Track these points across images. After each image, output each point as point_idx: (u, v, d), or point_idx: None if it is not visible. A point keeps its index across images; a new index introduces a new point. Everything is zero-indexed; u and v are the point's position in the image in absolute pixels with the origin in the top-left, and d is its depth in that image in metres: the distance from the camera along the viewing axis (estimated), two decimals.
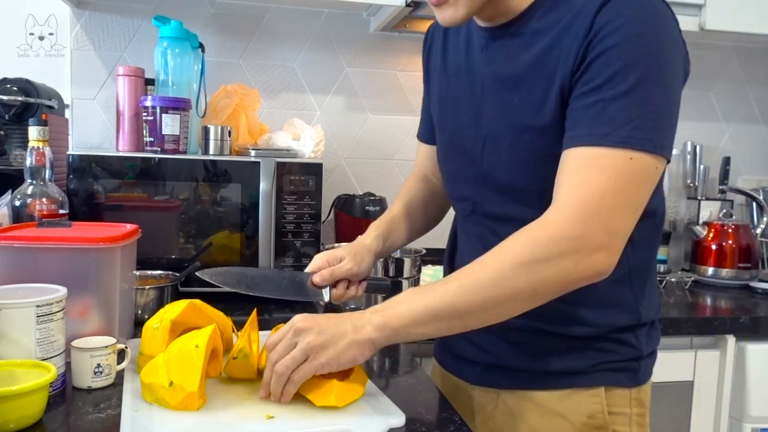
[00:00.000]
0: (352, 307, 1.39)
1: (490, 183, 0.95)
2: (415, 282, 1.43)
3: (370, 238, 1.07)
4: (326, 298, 1.02)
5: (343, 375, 0.86)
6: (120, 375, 0.94)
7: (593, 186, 0.77)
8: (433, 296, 0.81)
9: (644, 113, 0.78)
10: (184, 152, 1.49)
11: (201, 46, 1.58)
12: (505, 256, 0.79)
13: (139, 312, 1.22)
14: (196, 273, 0.92)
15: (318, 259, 1.03)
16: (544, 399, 0.94)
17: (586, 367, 0.92)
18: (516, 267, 0.78)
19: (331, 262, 1.02)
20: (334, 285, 1.02)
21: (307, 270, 1.03)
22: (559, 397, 0.93)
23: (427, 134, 1.19)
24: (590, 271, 0.79)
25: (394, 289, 1.38)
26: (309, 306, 1.43)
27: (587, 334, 0.92)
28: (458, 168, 1.01)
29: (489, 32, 0.92)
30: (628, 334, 0.93)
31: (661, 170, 0.81)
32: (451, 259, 1.12)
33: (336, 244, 1.12)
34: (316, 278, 1.00)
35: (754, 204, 2.10)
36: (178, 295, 1.27)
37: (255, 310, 0.99)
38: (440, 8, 0.86)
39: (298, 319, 0.83)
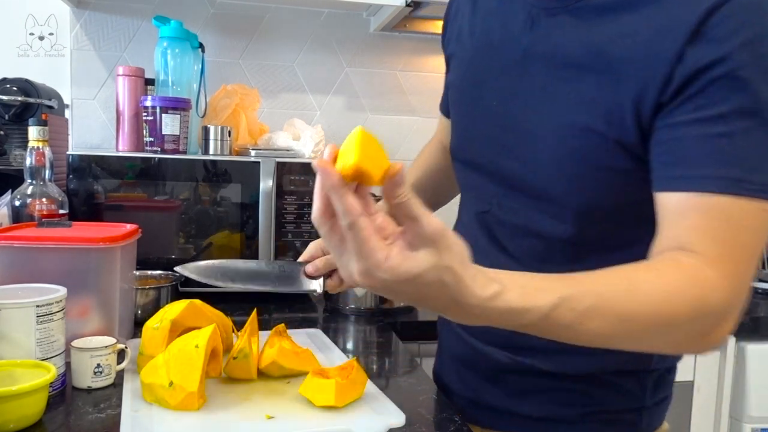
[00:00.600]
0: (352, 306, 1.39)
1: (516, 185, 0.80)
2: None
3: None
4: (319, 290, 0.87)
5: (343, 375, 0.86)
6: (120, 375, 0.93)
7: (743, 247, 0.63)
8: (557, 318, 0.60)
9: None
10: (184, 152, 1.49)
11: (201, 46, 1.58)
12: (666, 310, 0.61)
13: (139, 312, 1.22)
14: (175, 268, 0.83)
15: (312, 247, 0.88)
16: None
17: (572, 416, 0.82)
18: (670, 326, 0.62)
19: (325, 250, 0.88)
20: (328, 275, 0.83)
21: (301, 259, 0.86)
22: None
23: (446, 107, 1.05)
24: (712, 345, 0.66)
25: None
26: (307, 301, 1.43)
27: (579, 372, 0.80)
28: (477, 158, 0.86)
29: (543, 2, 0.77)
30: (629, 379, 0.81)
31: None
32: None
33: None
34: (309, 268, 0.82)
35: None
36: (178, 295, 1.27)
37: (255, 310, 0.99)
38: None
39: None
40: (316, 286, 0.86)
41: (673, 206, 0.66)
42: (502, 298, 0.56)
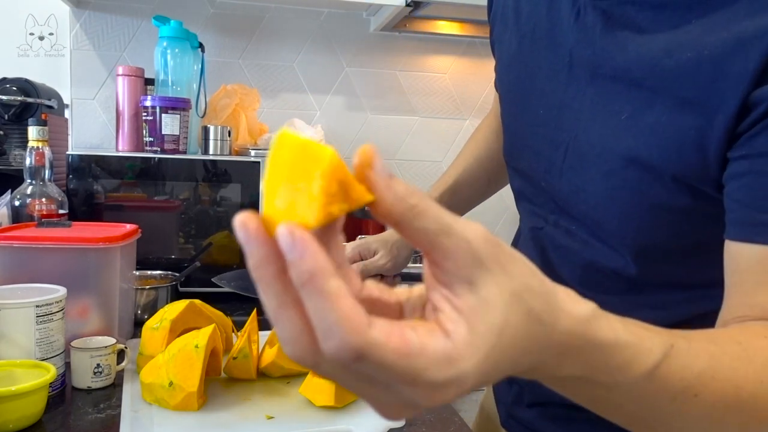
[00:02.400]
0: None
1: (569, 210, 0.70)
2: None
3: None
4: None
5: None
6: (120, 375, 0.93)
7: None
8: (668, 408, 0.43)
9: None
10: (184, 152, 1.49)
11: (201, 46, 1.58)
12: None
13: (139, 312, 1.22)
14: (213, 280, 0.82)
15: (349, 250, 0.87)
16: None
17: None
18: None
19: (363, 255, 0.88)
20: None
21: None
22: None
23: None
24: None
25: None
26: None
27: None
28: (528, 170, 0.76)
29: None
30: None
31: None
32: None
33: (368, 237, 0.96)
34: None
35: None
36: (178, 295, 1.27)
37: (255, 310, 0.99)
38: None
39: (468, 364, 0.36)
40: None
41: (752, 261, 0.52)
42: (603, 322, 0.38)
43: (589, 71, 0.65)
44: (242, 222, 0.30)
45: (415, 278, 1.00)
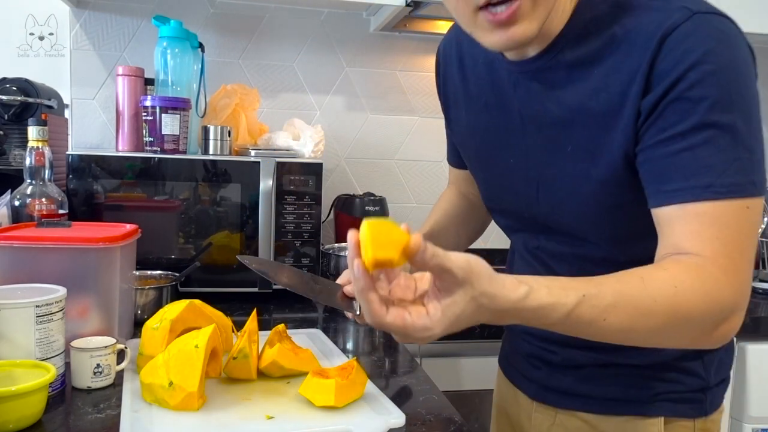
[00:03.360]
0: None
1: (553, 228, 0.89)
2: None
3: None
4: (357, 311, 0.94)
5: (343, 375, 0.86)
6: (120, 375, 0.93)
7: (731, 243, 0.69)
8: (582, 331, 0.68)
9: (739, 154, 0.70)
10: (184, 152, 1.49)
11: (201, 45, 1.58)
12: (680, 307, 0.67)
13: (139, 312, 1.22)
14: (237, 257, 0.87)
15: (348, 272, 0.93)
16: (599, 422, 0.91)
17: (646, 397, 0.89)
18: (683, 323, 0.68)
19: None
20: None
21: (339, 281, 0.90)
22: (616, 423, 0.90)
23: (455, 159, 1.11)
24: (724, 338, 0.71)
25: None
26: (307, 301, 1.43)
27: (651, 362, 0.88)
28: (510, 207, 0.95)
29: (518, 67, 0.83)
30: (695, 363, 0.88)
31: (762, 208, 0.73)
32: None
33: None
34: (348, 288, 0.86)
35: None
36: (177, 295, 1.27)
37: (255, 310, 0.99)
38: (511, 27, 0.72)
39: (442, 316, 0.63)
40: (356, 306, 0.88)
41: (662, 219, 0.73)
42: (532, 297, 0.64)
43: (534, 125, 0.85)
44: (355, 263, 0.63)
45: None
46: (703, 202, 0.69)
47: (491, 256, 1.13)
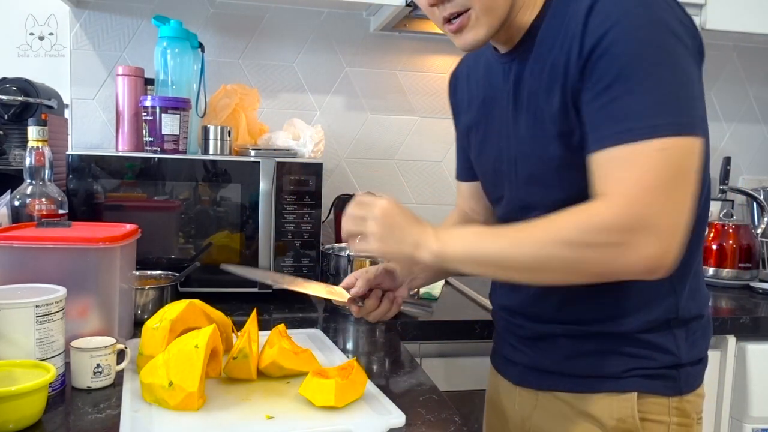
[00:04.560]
0: None
1: (526, 207, 0.95)
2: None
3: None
4: (355, 312, 1.05)
5: (343, 375, 0.86)
6: (120, 375, 0.93)
7: (637, 182, 0.76)
8: (486, 243, 0.84)
9: (662, 99, 0.77)
10: (184, 152, 1.48)
11: (201, 45, 1.58)
12: (553, 231, 0.79)
13: (139, 312, 1.22)
14: (225, 268, 0.94)
15: (353, 277, 1.06)
16: (575, 401, 0.96)
17: (618, 372, 0.92)
18: (560, 244, 0.78)
19: (371, 282, 1.05)
20: (366, 295, 1.04)
21: (342, 285, 1.06)
22: (594, 401, 0.94)
23: (464, 172, 1.18)
24: (637, 264, 0.76)
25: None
26: (307, 301, 1.43)
27: (619, 330, 0.91)
28: (503, 193, 1.01)
29: (509, 56, 0.94)
30: (665, 337, 0.92)
31: (698, 150, 0.78)
32: None
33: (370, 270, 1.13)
34: (346, 280, 1.02)
35: (755, 204, 2.10)
36: (177, 295, 1.27)
37: (255, 310, 0.99)
38: (460, 34, 0.88)
39: (382, 204, 0.87)
40: (355, 308, 1.02)
41: (591, 166, 0.81)
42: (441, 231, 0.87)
43: (519, 103, 0.93)
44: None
45: (418, 310, 1.16)
46: (620, 146, 0.77)
47: None
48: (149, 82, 1.56)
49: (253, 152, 1.46)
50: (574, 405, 0.96)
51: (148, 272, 1.34)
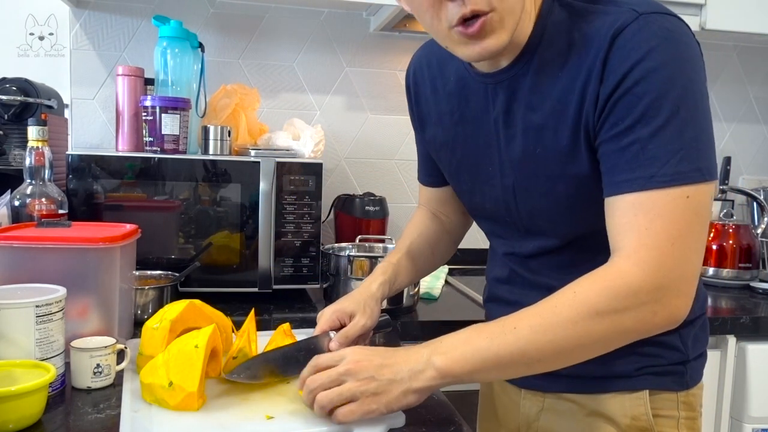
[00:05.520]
0: None
1: (526, 230, 0.94)
2: (415, 283, 1.43)
3: (376, 284, 1.03)
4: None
5: None
6: (119, 375, 0.93)
7: (660, 233, 0.74)
8: (501, 342, 0.76)
9: (685, 144, 0.74)
10: (184, 152, 1.48)
11: (201, 45, 1.58)
12: (581, 305, 0.75)
13: (139, 312, 1.22)
14: (224, 375, 0.87)
15: (328, 318, 0.97)
16: (588, 401, 0.95)
17: (629, 372, 0.92)
18: (593, 317, 0.74)
19: (342, 320, 0.98)
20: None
21: (317, 331, 0.97)
22: (604, 400, 0.94)
23: (428, 178, 1.15)
24: (668, 320, 0.77)
25: (398, 301, 1.38)
26: (307, 301, 1.43)
27: None
28: (493, 215, 0.99)
29: (493, 78, 0.88)
30: (672, 336, 0.92)
31: (713, 193, 0.78)
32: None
33: (342, 301, 1.03)
34: (333, 345, 0.94)
35: (755, 204, 2.10)
36: (177, 295, 1.27)
37: (252, 310, 0.99)
38: (483, 39, 0.78)
39: (353, 357, 0.78)
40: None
41: (608, 209, 0.79)
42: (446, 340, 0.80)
43: (510, 130, 0.88)
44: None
45: (384, 325, 1.06)
46: (642, 192, 0.75)
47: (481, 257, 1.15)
48: (149, 82, 1.56)
49: (253, 152, 1.46)
50: (584, 405, 0.96)
51: (148, 272, 1.34)
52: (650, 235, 0.74)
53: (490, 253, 1.11)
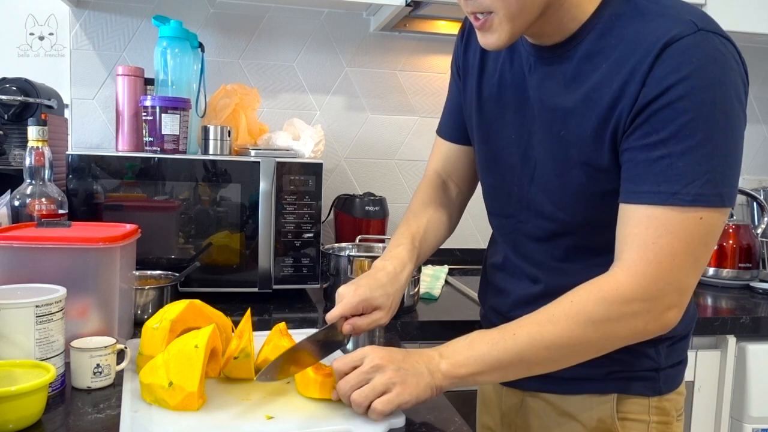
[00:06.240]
0: None
1: (532, 207, 0.95)
2: (415, 282, 1.43)
3: (405, 273, 1.00)
4: (349, 347, 1.01)
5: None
6: (119, 375, 0.93)
7: (664, 248, 0.76)
8: (502, 347, 0.81)
9: (713, 167, 0.75)
10: (184, 152, 1.48)
11: (201, 45, 1.58)
12: (577, 313, 0.79)
13: (139, 312, 1.22)
14: (256, 379, 0.86)
15: (354, 306, 0.94)
16: (559, 401, 0.98)
17: (599, 375, 0.94)
18: (588, 325, 0.79)
19: (366, 311, 0.95)
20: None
21: (338, 311, 0.93)
22: (575, 401, 0.97)
23: (452, 132, 1.11)
24: (660, 329, 0.81)
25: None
26: (307, 301, 1.43)
27: None
28: (503, 182, 0.99)
29: (537, 52, 0.89)
30: (647, 347, 0.92)
31: (725, 219, 0.80)
32: (486, 261, 1.13)
33: (372, 288, 0.97)
34: (347, 328, 0.93)
35: (755, 204, 2.10)
36: (177, 295, 1.27)
37: (249, 309, 0.99)
38: (483, 32, 0.83)
39: (375, 354, 0.82)
40: (348, 344, 0.97)
41: (623, 215, 0.81)
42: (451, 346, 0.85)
43: (542, 106, 0.89)
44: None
45: None
46: (659, 207, 0.76)
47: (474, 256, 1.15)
48: (149, 82, 1.56)
49: (253, 152, 1.46)
50: (557, 405, 0.99)
51: (148, 272, 1.34)
52: (654, 249, 0.77)
53: (490, 240, 1.14)
